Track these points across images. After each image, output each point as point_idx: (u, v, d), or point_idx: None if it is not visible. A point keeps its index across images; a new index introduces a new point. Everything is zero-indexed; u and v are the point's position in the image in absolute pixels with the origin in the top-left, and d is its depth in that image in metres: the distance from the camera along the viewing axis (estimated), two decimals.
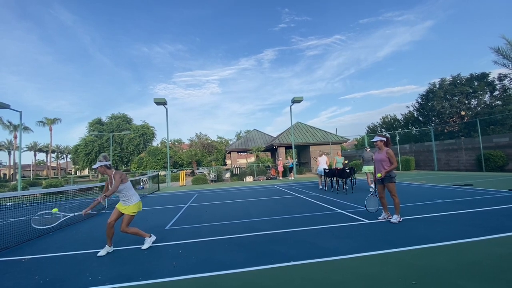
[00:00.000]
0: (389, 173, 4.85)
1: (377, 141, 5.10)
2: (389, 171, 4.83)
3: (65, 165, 72.65)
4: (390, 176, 4.86)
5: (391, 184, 4.86)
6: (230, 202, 8.99)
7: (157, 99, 18.01)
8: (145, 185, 17.46)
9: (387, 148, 4.98)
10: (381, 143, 5.07)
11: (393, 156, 4.84)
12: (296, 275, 2.90)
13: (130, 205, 4.18)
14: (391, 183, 4.85)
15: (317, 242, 4.04)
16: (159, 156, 32.18)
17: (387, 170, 4.83)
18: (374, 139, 5.18)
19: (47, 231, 5.93)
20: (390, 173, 4.86)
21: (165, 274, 3.14)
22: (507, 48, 16.15)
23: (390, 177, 4.86)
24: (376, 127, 36.33)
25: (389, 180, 4.86)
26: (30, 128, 48.72)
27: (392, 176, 4.86)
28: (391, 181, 4.85)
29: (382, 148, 5.05)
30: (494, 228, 4.15)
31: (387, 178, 4.87)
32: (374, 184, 5.43)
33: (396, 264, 3.03)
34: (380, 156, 5.00)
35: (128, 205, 4.18)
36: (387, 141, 5.09)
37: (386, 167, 4.87)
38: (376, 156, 5.10)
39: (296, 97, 18.88)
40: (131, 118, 41.42)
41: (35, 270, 3.59)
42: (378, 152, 5.11)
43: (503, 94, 22.38)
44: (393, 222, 4.80)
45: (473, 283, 2.48)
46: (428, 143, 20.83)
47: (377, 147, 5.13)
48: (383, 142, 5.07)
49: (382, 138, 5.10)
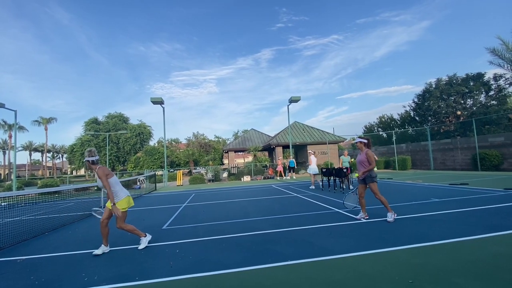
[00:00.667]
0: (370, 173, 4.93)
1: (357, 142, 5.23)
2: (367, 172, 4.92)
3: (61, 165, 72.04)
4: (370, 176, 4.93)
5: (373, 184, 4.92)
6: (228, 201, 8.98)
7: (154, 98, 17.92)
8: (142, 185, 17.39)
9: (367, 149, 5.06)
10: (361, 144, 5.16)
11: (372, 157, 4.94)
12: (294, 274, 2.90)
13: (118, 201, 4.02)
14: (373, 183, 4.92)
15: (314, 241, 4.05)
16: (156, 156, 32.05)
17: (364, 170, 4.94)
18: (355, 140, 5.31)
19: (43, 231, 5.87)
20: (370, 173, 4.93)
21: (162, 274, 3.12)
22: (502, 48, 16.31)
23: (371, 177, 4.93)
24: (373, 126, 36.48)
25: (371, 180, 4.93)
26: (25, 128, 48.24)
27: (372, 176, 4.94)
28: (372, 181, 4.93)
29: (362, 149, 5.14)
30: (489, 227, 4.18)
31: (368, 178, 4.95)
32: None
33: (393, 262, 3.04)
34: (360, 157, 5.10)
35: (116, 201, 4.00)
36: (368, 142, 5.15)
37: (365, 168, 4.97)
38: (358, 157, 5.19)
39: (294, 97, 18.91)
40: (127, 118, 41.21)
41: (31, 270, 3.55)
42: (359, 154, 5.20)
43: (498, 94, 22.59)
44: (389, 221, 4.83)
45: (469, 281, 2.50)
46: (424, 142, 20.99)
47: (358, 149, 5.24)
48: (363, 144, 5.14)
49: (363, 140, 5.18)
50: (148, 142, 40.04)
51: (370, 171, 4.95)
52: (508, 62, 16.36)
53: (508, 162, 14.94)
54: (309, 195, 9.18)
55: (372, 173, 4.97)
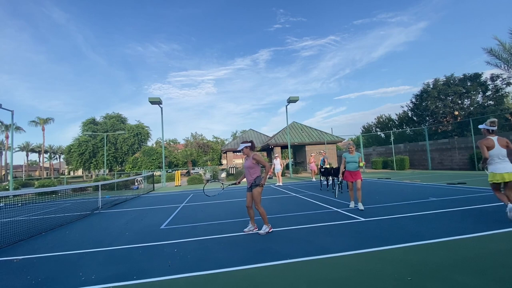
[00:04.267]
0: (255, 180, 4.48)
1: (242, 148, 4.65)
2: (268, 174, 4.57)
3: (58, 166, 71.67)
4: (255, 183, 4.48)
5: (256, 191, 4.45)
6: (226, 201, 8.95)
7: (152, 98, 17.87)
8: (140, 185, 17.33)
9: (253, 153, 4.62)
10: (247, 149, 4.64)
11: (261, 158, 4.53)
12: (292, 273, 2.89)
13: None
14: (259, 187, 4.46)
15: (313, 240, 4.04)
16: (154, 156, 31.97)
17: (266, 175, 4.56)
18: (239, 147, 4.72)
19: (39, 231, 5.83)
20: (256, 180, 4.48)
21: (160, 273, 3.10)
22: (499, 48, 16.43)
23: (255, 183, 4.48)
24: (371, 126, 36.59)
25: (258, 185, 4.48)
26: (22, 128, 48.06)
27: (257, 182, 4.49)
28: (257, 185, 4.46)
29: (249, 155, 4.63)
30: (487, 225, 4.20)
31: (254, 184, 4.48)
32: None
33: (392, 260, 3.04)
34: (247, 163, 4.60)
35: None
36: (252, 145, 4.67)
37: (253, 175, 4.49)
38: (244, 164, 4.71)
39: (292, 97, 18.92)
40: (125, 118, 41.13)
41: (27, 270, 3.52)
42: (246, 159, 4.71)
43: (495, 94, 22.73)
44: (261, 233, 4.47)
45: (467, 277, 2.51)
46: (422, 142, 21.07)
47: (245, 155, 4.71)
48: (248, 148, 4.64)
49: (246, 144, 4.63)
50: (146, 143, 39.92)
51: (257, 177, 4.49)
52: (505, 62, 16.49)
53: None
54: (307, 195, 9.18)
55: (258, 179, 4.50)
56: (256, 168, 4.56)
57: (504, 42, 16.17)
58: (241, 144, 4.68)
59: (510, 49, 15.97)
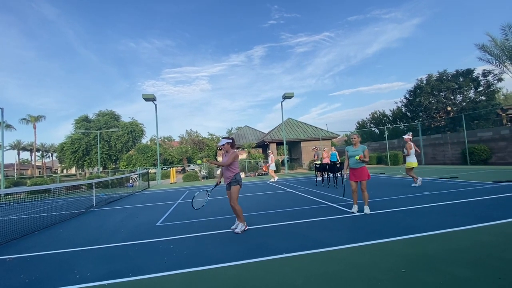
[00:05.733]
0: (235, 176, 4.44)
1: (224, 144, 4.58)
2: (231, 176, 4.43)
3: (51, 164, 70.63)
4: (236, 179, 4.44)
5: (235, 188, 4.41)
6: (222, 198, 8.95)
7: (146, 95, 17.68)
8: (135, 183, 17.20)
9: (232, 150, 4.55)
10: (228, 146, 4.57)
11: (233, 157, 4.46)
12: (288, 267, 2.91)
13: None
14: (238, 185, 4.43)
15: (308, 234, 4.07)
16: (148, 154, 31.70)
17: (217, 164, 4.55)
18: (220, 142, 4.65)
19: (32, 230, 5.75)
20: (235, 176, 4.44)
21: (156, 269, 3.09)
22: (491, 44, 16.61)
23: (236, 180, 4.44)
24: (366, 122, 36.87)
25: (236, 183, 4.43)
26: (12, 126, 46.90)
27: (238, 179, 4.45)
28: (237, 183, 4.43)
29: (229, 151, 4.57)
30: (478, 218, 4.29)
31: (233, 181, 4.42)
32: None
33: (386, 253, 3.08)
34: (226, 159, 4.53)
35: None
36: (233, 142, 4.63)
37: (233, 172, 4.44)
38: (223, 160, 4.60)
39: (287, 93, 18.92)
40: (119, 115, 40.53)
41: (21, 269, 3.47)
42: (225, 155, 4.63)
43: (487, 90, 23.06)
44: (237, 232, 4.39)
45: (459, 269, 2.56)
46: (416, 138, 21.32)
47: (224, 150, 4.64)
48: (229, 144, 4.57)
49: (228, 140, 4.59)
50: (141, 140, 39.53)
51: (236, 174, 4.45)
52: (497, 58, 16.69)
53: (496, 156, 15.32)
54: (303, 191, 9.23)
55: (238, 175, 4.47)
56: (235, 165, 4.50)
57: (496, 38, 16.36)
58: (222, 139, 4.64)
59: (502, 45, 16.17)
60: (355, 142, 5.28)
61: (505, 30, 15.85)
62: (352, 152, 5.21)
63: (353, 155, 5.14)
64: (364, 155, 5.05)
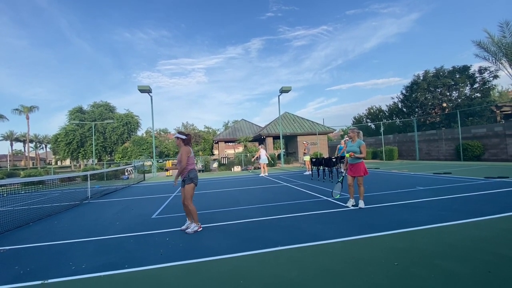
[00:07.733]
0: (189, 173, 4.28)
1: (177, 137, 4.43)
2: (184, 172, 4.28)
3: (45, 155, 69.83)
4: (189, 177, 4.28)
5: (189, 187, 4.27)
6: (218, 191, 8.98)
7: (141, 87, 17.45)
8: (130, 175, 17.12)
9: (184, 147, 4.35)
10: (179, 141, 4.41)
11: (183, 156, 4.27)
12: (283, 259, 2.94)
13: None
14: (191, 183, 4.28)
15: (304, 227, 4.12)
16: (144, 146, 31.51)
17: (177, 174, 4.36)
18: (175, 135, 4.49)
19: (26, 221, 5.71)
20: (189, 173, 4.28)
21: (152, 261, 3.10)
22: (488, 41, 16.65)
23: (189, 177, 4.28)
24: (362, 117, 37.02)
25: (190, 181, 4.28)
26: (5, 116, 46.12)
27: (191, 176, 4.30)
28: (190, 182, 4.28)
29: (180, 146, 4.42)
30: (470, 213, 4.37)
31: (187, 178, 4.28)
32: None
33: (379, 247, 3.13)
34: (179, 156, 4.38)
35: None
36: (187, 140, 4.41)
37: (187, 169, 4.29)
38: (178, 157, 4.45)
39: (285, 87, 18.84)
40: (114, 107, 39.98)
41: (15, 260, 3.46)
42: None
43: (482, 87, 23.25)
44: (188, 232, 4.21)
45: (451, 263, 2.62)
46: (411, 133, 21.52)
47: (177, 145, 4.47)
48: (181, 140, 4.40)
49: (181, 136, 4.41)
50: (136, 132, 39.19)
51: (190, 171, 4.30)
52: (493, 55, 16.75)
53: (489, 153, 15.55)
54: (299, 184, 9.29)
55: (191, 172, 4.31)
56: (189, 160, 4.31)
57: (493, 35, 16.39)
58: (177, 133, 4.48)
59: (499, 42, 16.22)
60: (352, 136, 5.33)
61: (502, 27, 15.87)
62: (348, 147, 5.31)
63: (349, 151, 5.22)
64: (360, 150, 5.12)
